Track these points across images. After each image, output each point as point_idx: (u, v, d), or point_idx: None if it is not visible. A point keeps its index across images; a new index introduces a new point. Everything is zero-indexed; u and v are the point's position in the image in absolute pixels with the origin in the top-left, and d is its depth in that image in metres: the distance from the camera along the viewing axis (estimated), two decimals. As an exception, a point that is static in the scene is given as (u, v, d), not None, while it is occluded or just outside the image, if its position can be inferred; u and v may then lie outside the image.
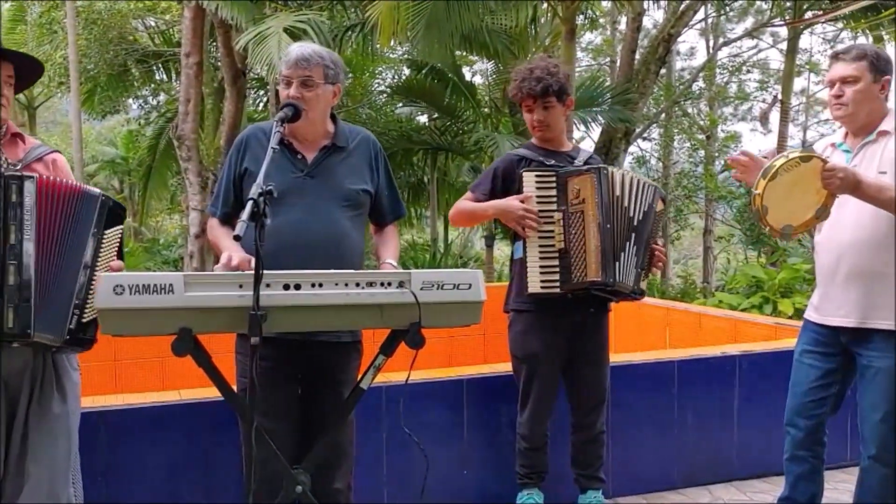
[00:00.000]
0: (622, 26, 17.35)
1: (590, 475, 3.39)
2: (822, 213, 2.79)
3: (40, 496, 2.34)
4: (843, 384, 3.05)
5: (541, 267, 3.18)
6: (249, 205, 2.07)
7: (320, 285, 2.19)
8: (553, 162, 3.28)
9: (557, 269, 3.18)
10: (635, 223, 3.20)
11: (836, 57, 2.92)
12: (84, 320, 2.32)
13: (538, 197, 3.20)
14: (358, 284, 2.22)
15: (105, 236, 2.36)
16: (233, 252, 2.44)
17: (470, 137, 12.29)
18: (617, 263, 3.16)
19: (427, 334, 2.25)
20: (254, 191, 2.10)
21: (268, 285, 2.12)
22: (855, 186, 2.70)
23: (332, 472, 2.67)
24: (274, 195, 2.11)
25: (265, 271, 2.09)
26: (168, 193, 18.56)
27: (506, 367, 3.50)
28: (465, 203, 3.39)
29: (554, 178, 3.20)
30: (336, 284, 2.20)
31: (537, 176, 3.21)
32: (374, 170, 2.80)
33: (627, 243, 3.18)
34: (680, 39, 16.12)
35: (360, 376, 2.65)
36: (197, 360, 2.23)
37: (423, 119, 15.99)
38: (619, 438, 3.72)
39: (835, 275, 2.92)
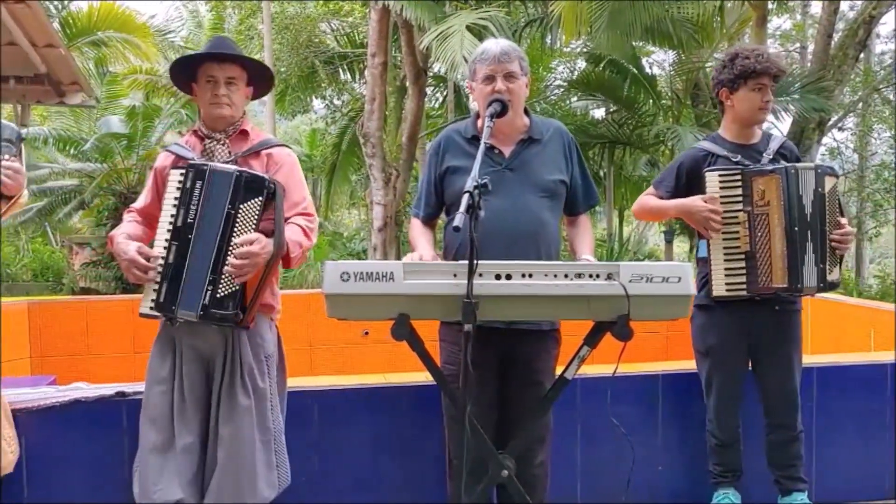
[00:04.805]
0: (813, 10, 16.36)
1: (791, 476, 3.25)
2: None
3: (226, 495, 2.49)
4: None
5: (726, 269, 3.10)
6: (465, 197, 2.16)
7: (530, 276, 2.25)
8: (739, 158, 3.16)
9: (744, 272, 3.08)
10: (809, 219, 3.07)
11: None
12: (218, 295, 2.42)
13: (722, 197, 3.10)
14: (566, 276, 2.26)
15: (240, 211, 2.45)
16: (424, 252, 2.63)
17: (649, 130, 12.00)
18: (803, 267, 3.06)
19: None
20: (469, 184, 2.19)
21: (480, 275, 2.20)
22: None
23: (533, 451, 2.75)
24: (489, 188, 2.19)
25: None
26: (349, 188, 19.41)
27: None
28: (648, 199, 3.35)
29: (739, 177, 3.09)
30: (545, 275, 2.26)
31: (721, 175, 3.11)
32: (569, 160, 2.84)
33: (807, 244, 3.07)
34: (881, 21, 14.98)
35: (557, 365, 2.71)
36: (412, 345, 2.35)
37: (600, 113, 15.77)
38: (826, 443, 3.54)
39: None
